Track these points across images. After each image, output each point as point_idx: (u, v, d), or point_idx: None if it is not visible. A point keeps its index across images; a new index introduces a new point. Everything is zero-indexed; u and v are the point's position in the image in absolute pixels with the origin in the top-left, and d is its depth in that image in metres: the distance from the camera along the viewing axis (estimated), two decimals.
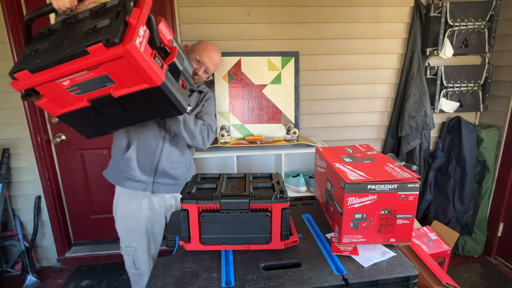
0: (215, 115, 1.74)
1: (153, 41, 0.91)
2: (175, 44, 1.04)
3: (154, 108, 1.01)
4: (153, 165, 1.28)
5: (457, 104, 2.10)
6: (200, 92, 1.45)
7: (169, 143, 1.30)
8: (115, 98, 0.92)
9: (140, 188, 1.28)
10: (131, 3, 0.85)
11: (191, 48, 1.42)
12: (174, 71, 0.99)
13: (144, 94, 0.93)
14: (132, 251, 1.34)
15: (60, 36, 0.91)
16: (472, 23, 1.97)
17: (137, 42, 0.81)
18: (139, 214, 1.32)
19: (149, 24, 0.90)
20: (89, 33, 0.84)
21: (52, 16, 1.04)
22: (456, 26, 1.96)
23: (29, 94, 0.91)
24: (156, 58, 0.91)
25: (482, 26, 1.99)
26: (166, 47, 0.98)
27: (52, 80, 0.87)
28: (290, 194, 1.82)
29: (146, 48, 0.86)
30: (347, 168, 0.93)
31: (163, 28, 1.02)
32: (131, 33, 0.82)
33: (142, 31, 0.85)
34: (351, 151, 1.12)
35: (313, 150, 1.75)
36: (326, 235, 0.97)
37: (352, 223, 0.86)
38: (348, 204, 0.84)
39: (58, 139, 2.04)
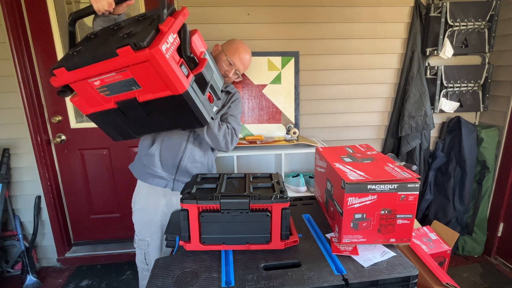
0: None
1: (183, 50, 0.93)
2: (207, 56, 1.05)
3: (177, 117, 1.03)
4: (175, 162, 1.29)
5: (457, 104, 2.10)
6: (228, 92, 1.43)
7: (192, 143, 1.31)
8: (140, 102, 0.95)
9: (161, 185, 1.30)
10: (165, 11, 0.88)
11: (222, 48, 1.40)
12: (202, 82, 1.01)
13: (168, 102, 0.95)
14: (145, 245, 1.35)
15: (101, 39, 0.96)
16: (472, 23, 1.97)
17: (163, 48, 0.83)
18: (156, 209, 1.34)
19: (181, 33, 0.92)
20: (124, 38, 0.87)
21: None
22: (456, 26, 1.96)
23: (64, 90, 0.97)
24: (183, 67, 0.92)
25: (482, 26, 1.99)
26: (196, 58, 0.99)
27: (85, 79, 0.92)
28: (290, 194, 1.82)
29: (173, 55, 0.88)
30: (347, 168, 0.93)
31: (197, 40, 1.04)
32: (159, 39, 0.84)
33: (172, 38, 0.87)
34: (351, 151, 1.12)
35: (313, 150, 1.75)
36: (326, 235, 0.97)
37: (352, 223, 0.86)
38: (348, 204, 0.84)
39: (58, 139, 2.04)
